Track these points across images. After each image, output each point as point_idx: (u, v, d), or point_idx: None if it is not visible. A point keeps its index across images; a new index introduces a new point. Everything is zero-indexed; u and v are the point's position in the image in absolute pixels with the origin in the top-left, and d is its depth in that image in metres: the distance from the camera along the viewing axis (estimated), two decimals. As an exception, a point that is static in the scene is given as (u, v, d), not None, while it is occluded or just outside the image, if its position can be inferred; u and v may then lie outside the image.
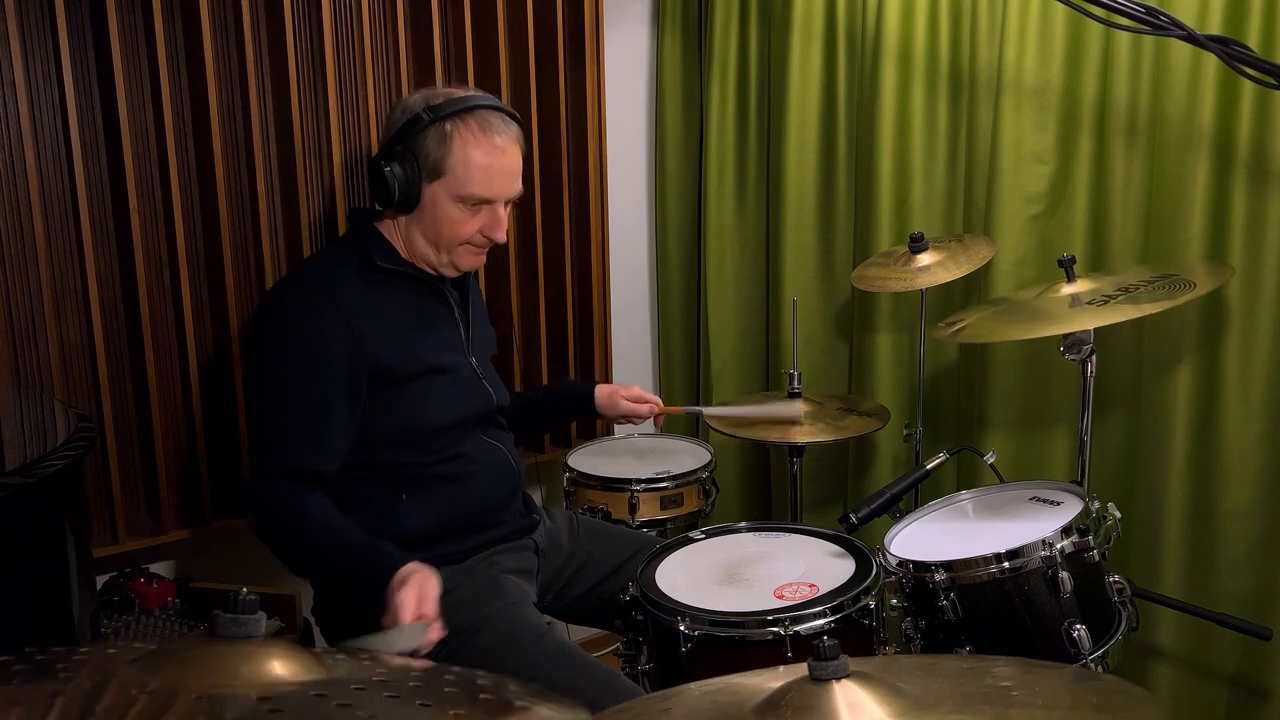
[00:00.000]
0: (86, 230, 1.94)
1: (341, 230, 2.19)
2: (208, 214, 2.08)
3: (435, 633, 1.49)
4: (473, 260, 1.87)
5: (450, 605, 1.75)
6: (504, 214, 1.84)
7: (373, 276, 1.81)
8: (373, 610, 1.53)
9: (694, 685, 1.07)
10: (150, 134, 2.01)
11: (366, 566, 1.60)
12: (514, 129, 1.83)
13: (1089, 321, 1.81)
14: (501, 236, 1.85)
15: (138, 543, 2.05)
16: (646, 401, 2.23)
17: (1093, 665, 1.62)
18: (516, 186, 1.84)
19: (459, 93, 1.82)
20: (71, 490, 1.41)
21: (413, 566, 1.56)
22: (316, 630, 1.96)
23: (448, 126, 1.76)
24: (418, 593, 1.52)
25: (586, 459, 2.43)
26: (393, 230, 1.86)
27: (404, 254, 1.86)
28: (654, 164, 2.97)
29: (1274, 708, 2.08)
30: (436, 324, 1.87)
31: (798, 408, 2.29)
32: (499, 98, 2.43)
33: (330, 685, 0.80)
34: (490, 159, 1.78)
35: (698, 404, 2.93)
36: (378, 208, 1.86)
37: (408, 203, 1.79)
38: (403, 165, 1.77)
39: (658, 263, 3.01)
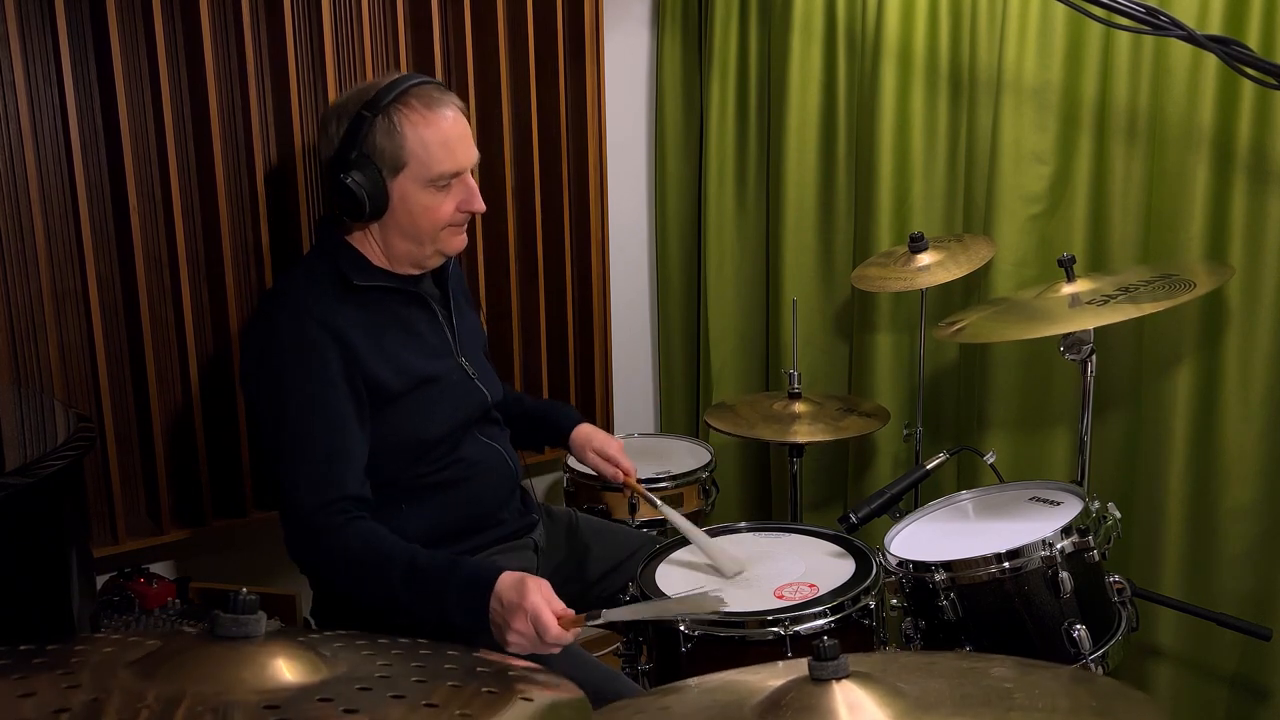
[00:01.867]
0: (86, 231, 1.94)
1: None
2: (208, 214, 2.08)
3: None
4: (458, 241, 1.81)
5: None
6: (473, 184, 1.78)
7: (351, 295, 1.75)
8: (467, 629, 1.51)
9: (693, 681, 1.07)
10: (150, 135, 2.01)
11: (461, 583, 1.54)
12: (451, 95, 1.78)
13: (1089, 321, 1.81)
14: (480, 205, 1.79)
15: (138, 543, 2.05)
16: (617, 466, 2.04)
17: (1093, 665, 1.63)
18: (475, 152, 1.80)
19: (386, 79, 1.76)
20: (71, 490, 1.41)
21: (514, 575, 1.51)
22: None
23: (393, 116, 1.70)
24: (543, 594, 1.48)
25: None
26: (364, 240, 1.79)
27: (379, 263, 1.79)
28: (654, 164, 2.97)
29: (1274, 708, 2.08)
30: (421, 332, 1.82)
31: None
32: (499, 98, 2.43)
33: (333, 686, 0.80)
34: (444, 131, 1.72)
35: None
36: (346, 221, 1.79)
37: (378, 208, 1.73)
38: (362, 171, 1.70)
39: (658, 262, 3.01)
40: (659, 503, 1.95)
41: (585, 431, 2.09)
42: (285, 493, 1.67)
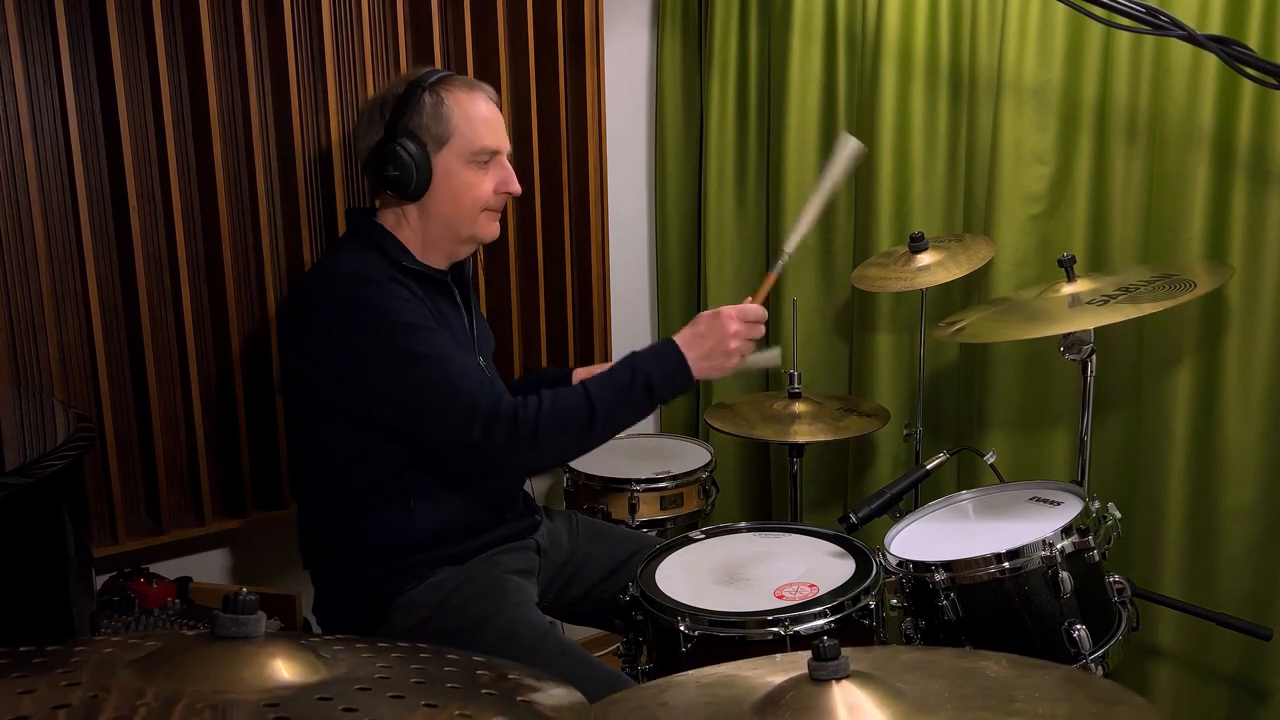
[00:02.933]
0: (86, 231, 1.94)
1: (341, 231, 2.18)
2: (208, 215, 2.08)
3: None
4: (493, 227, 1.87)
5: (453, 605, 1.76)
6: (509, 167, 1.86)
7: (399, 277, 1.78)
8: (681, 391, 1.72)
9: (691, 674, 1.07)
10: (150, 135, 2.01)
11: (653, 364, 1.70)
12: (488, 86, 1.87)
13: (1089, 321, 1.81)
14: (516, 187, 1.87)
15: (138, 543, 2.05)
16: None
17: (1093, 665, 1.63)
18: (508, 140, 1.88)
19: (424, 69, 1.84)
20: (71, 490, 1.41)
21: (686, 327, 1.73)
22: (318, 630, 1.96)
23: (441, 92, 1.79)
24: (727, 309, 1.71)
25: (586, 459, 2.42)
26: (400, 227, 1.83)
27: (415, 251, 1.83)
28: (654, 164, 2.97)
29: (1274, 708, 2.08)
30: (451, 323, 1.85)
31: (775, 354, 1.92)
32: (499, 98, 2.44)
33: (333, 686, 0.80)
34: (486, 109, 1.82)
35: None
36: (383, 201, 1.84)
37: (422, 183, 1.78)
38: (412, 142, 1.77)
39: (658, 262, 3.02)
40: None
41: (583, 371, 2.19)
42: (454, 414, 1.66)
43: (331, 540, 1.82)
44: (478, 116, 1.80)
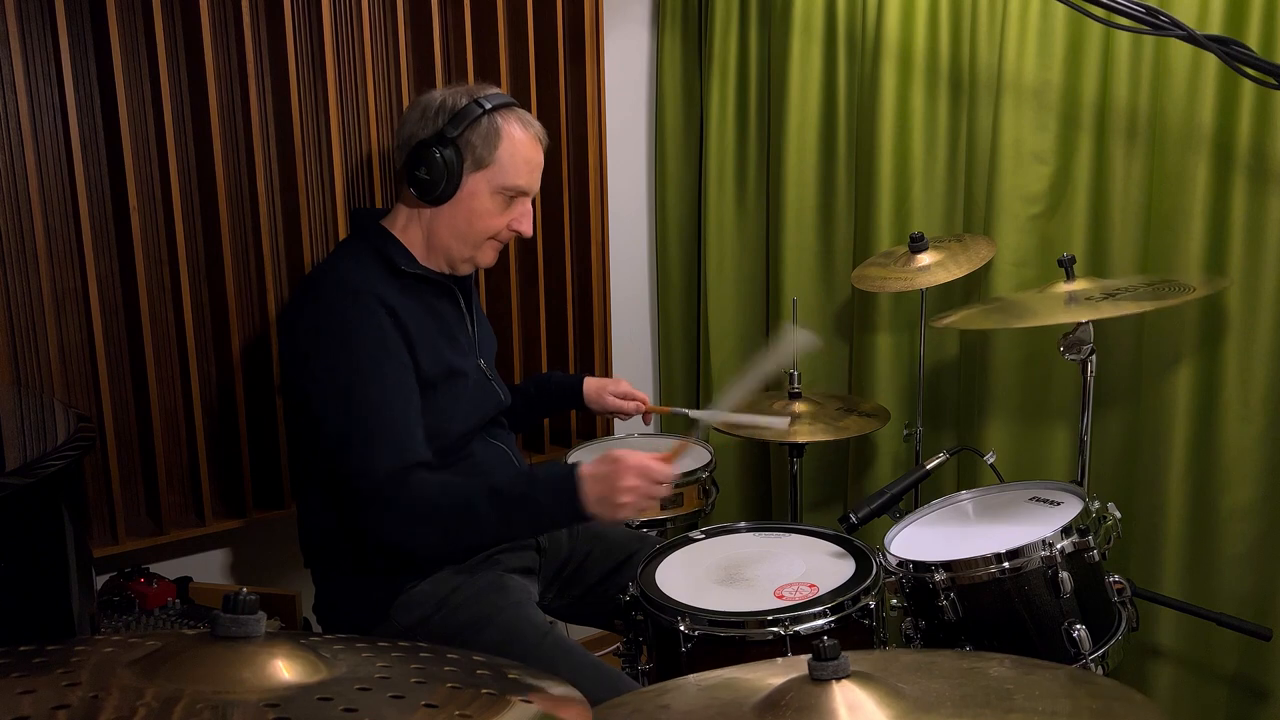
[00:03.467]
0: (86, 230, 1.94)
1: (342, 231, 2.19)
2: (208, 214, 2.08)
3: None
4: (492, 256, 1.89)
5: (454, 604, 1.76)
6: (529, 210, 1.88)
7: (397, 281, 1.79)
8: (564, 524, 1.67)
9: (692, 678, 1.07)
10: (150, 134, 2.01)
11: (548, 487, 1.63)
12: (542, 129, 1.89)
13: (1086, 314, 1.81)
14: (530, 229, 1.88)
15: (138, 543, 2.05)
16: (633, 399, 2.21)
17: (1093, 665, 1.63)
18: (539, 184, 1.90)
19: (490, 88, 1.85)
20: (71, 490, 1.41)
21: (591, 459, 1.65)
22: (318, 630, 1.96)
23: (499, 119, 1.80)
24: (627, 450, 1.61)
25: (586, 459, 2.42)
26: (407, 230, 1.85)
27: (418, 254, 1.85)
28: (654, 164, 2.97)
29: (1274, 708, 2.08)
30: (451, 327, 1.87)
31: (785, 421, 2.26)
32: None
33: (333, 686, 0.80)
34: (532, 152, 1.84)
35: (697, 406, 2.92)
36: (397, 202, 1.87)
37: (446, 193, 1.79)
38: (453, 152, 1.78)
39: (657, 263, 3.01)
40: (689, 411, 2.21)
41: (594, 383, 2.21)
42: (355, 464, 1.66)
43: (331, 540, 1.82)
44: (522, 155, 1.82)
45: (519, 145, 1.81)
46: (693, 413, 2.21)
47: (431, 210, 1.83)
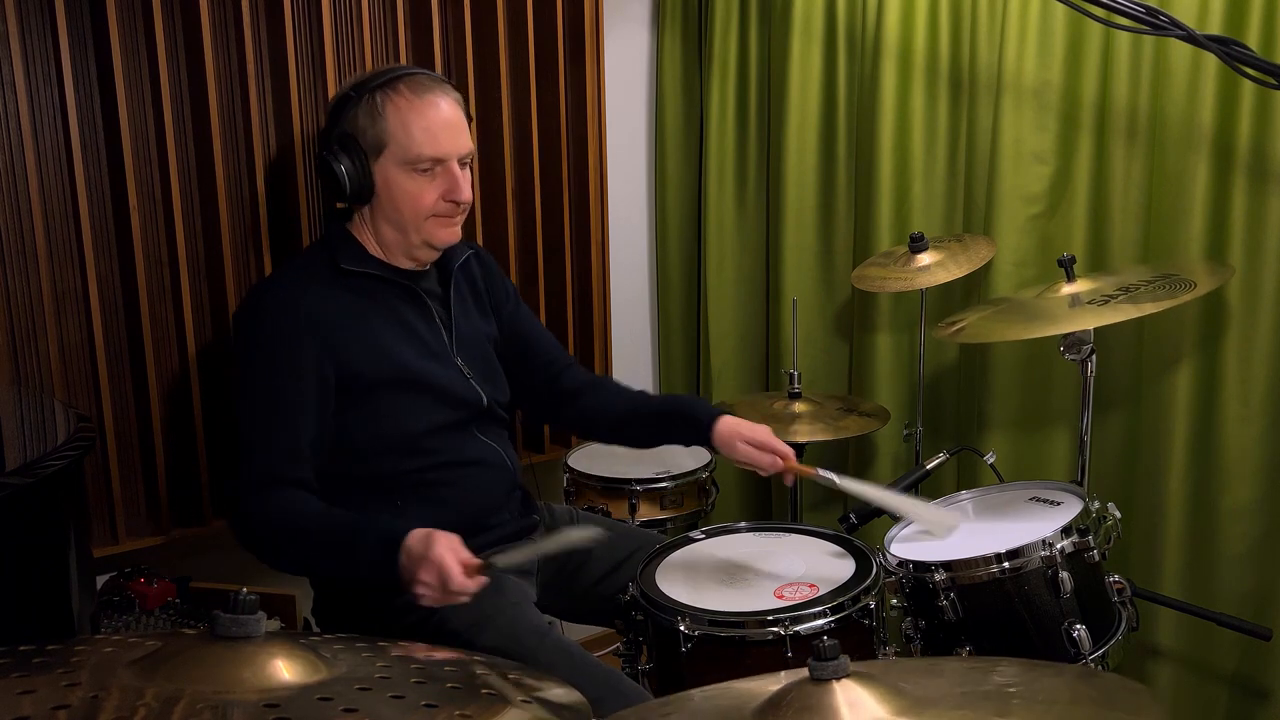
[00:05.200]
0: (86, 230, 1.94)
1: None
2: (208, 214, 2.08)
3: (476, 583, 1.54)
4: (446, 233, 1.81)
5: (451, 605, 1.75)
6: (460, 174, 1.78)
7: (341, 280, 1.77)
8: (379, 584, 1.57)
9: (695, 691, 1.07)
10: (150, 134, 2.01)
11: (372, 542, 1.59)
12: (447, 87, 1.80)
13: (1089, 321, 1.81)
14: (465, 195, 1.79)
15: (138, 543, 2.05)
16: (772, 452, 1.82)
17: (1093, 665, 1.63)
18: (465, 141, 1.79)
19: (384, 69, 1.80)
20: (71, 490, 1.41)
21: (423, 530, 1.56)
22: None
23: (377, 97, 1.74)
24: (449, 545, 1.53)
25: (586, 459, 2.43)
26: (361, 228, 1.83)
27: (375, 252, 1.82)
28: (654, 164, 2.97)
29: (1274, 708, 2.08)
30: (413, 327, 1.83)
31: (950, 529, 1.84)
32: (499, 98, 2.43)
33: (333, 686, 0.80)
34: (428, 116, 1.74)
35: (824, 470, 1.84)
36: (339, 206, 1.84)
37: (363, 190, 1.76)
38: (346, 151, 1.74)
39: (658, 263, 3.01)
40: (836, 479, 1.75)
41: (730, 423, 1.85)
42: (236, 471, 1.71)
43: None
44: (415, 124, 1.73)
45: (409, 113, 1.72)
46: (840, 481, 1.76)
47: (367, 210, 1.80)
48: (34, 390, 1.92)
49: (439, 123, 1.75)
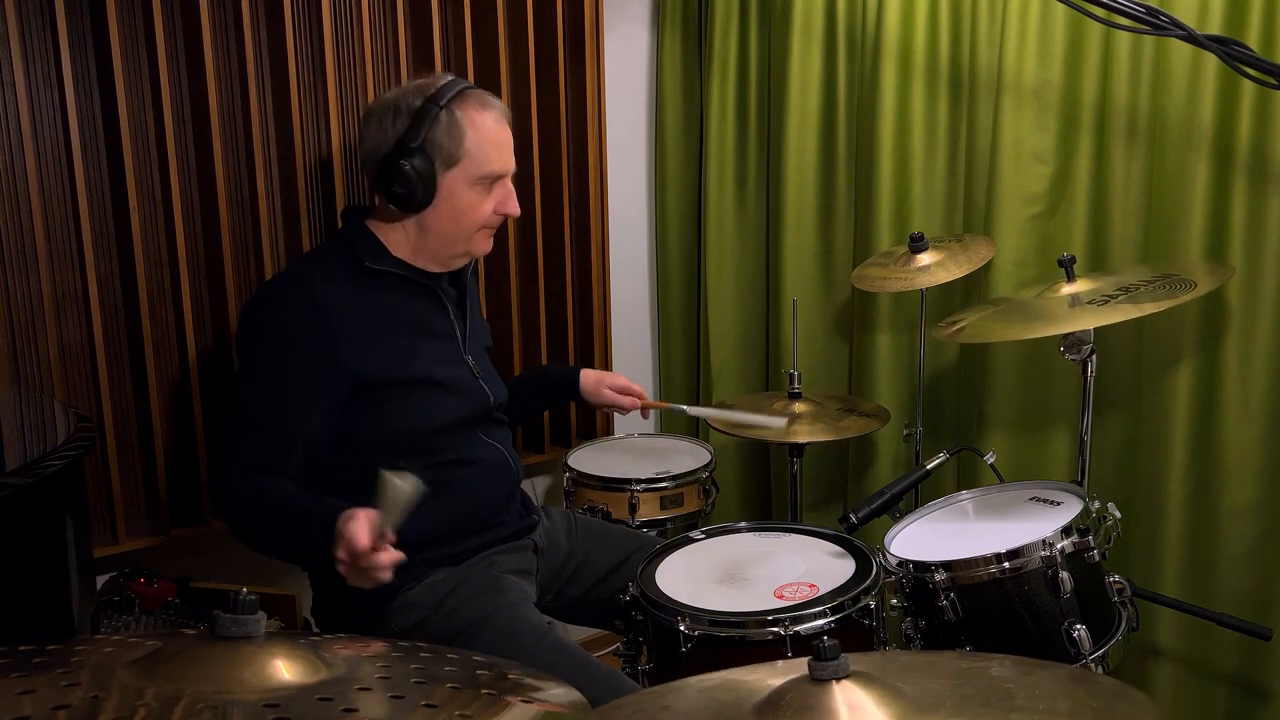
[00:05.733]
0: (86, 230, 1.94)
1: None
2: (208, 214, 2.08)
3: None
4: (487, 244, 1.89)
5: (450, 606, 1.76)
6: (511, 187, 1.87)
7: (362, 278, 1.79)
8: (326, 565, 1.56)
9: (693, 680, 1.07)
10: (150, 135, 2.01)
11: (320, 521, 1.58)
12: (500, 103, 1.87)
13: (1089, 321, 1.81)
14: (515, 209, 1.88)
15: (138, 543, 2.05)
16: (630, 393, 2.20)
17: (1093, 665, 1.63)
18: (513, 159, 1.88)
19: (440, 79, 1.82)
20: (71, 490, 1.41)
21: (350, 510, 1.54)
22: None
23: (456, 112, 1.78)
24: (363, 521, 1.51)
25: (586, 459, 2.43)
26: (388, 230, 1.84)
27: (399, 253, 1.84)
28: (654, 164, 2.97)
29: (1274, 708, 2.08)
30: (431, 326, 1.86)
31: (783, 421, 2.27)
32: (499, 98, 2.44)
33: (333, 686, 0.80)
34: (499, 133, 1.82)
35: (696, 403, 2.92)
36: (379, 203, 1.85)
37: (425, 199, 1.78)
38: (421, 160, 1.77)
39: (658, 263, 3.02)
40: (686, 408, 2.26)
41: (592, 376, 2.21)
42: (222, 449, 1.74)
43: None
44: (490, 141, 1.80)
45: (484, 131, 1.79)
46: (690, 409, 2.27)
47: (415, 217, 1.82)
48: (34, 390, 1.92)
49: (505, 140, 1.84)
